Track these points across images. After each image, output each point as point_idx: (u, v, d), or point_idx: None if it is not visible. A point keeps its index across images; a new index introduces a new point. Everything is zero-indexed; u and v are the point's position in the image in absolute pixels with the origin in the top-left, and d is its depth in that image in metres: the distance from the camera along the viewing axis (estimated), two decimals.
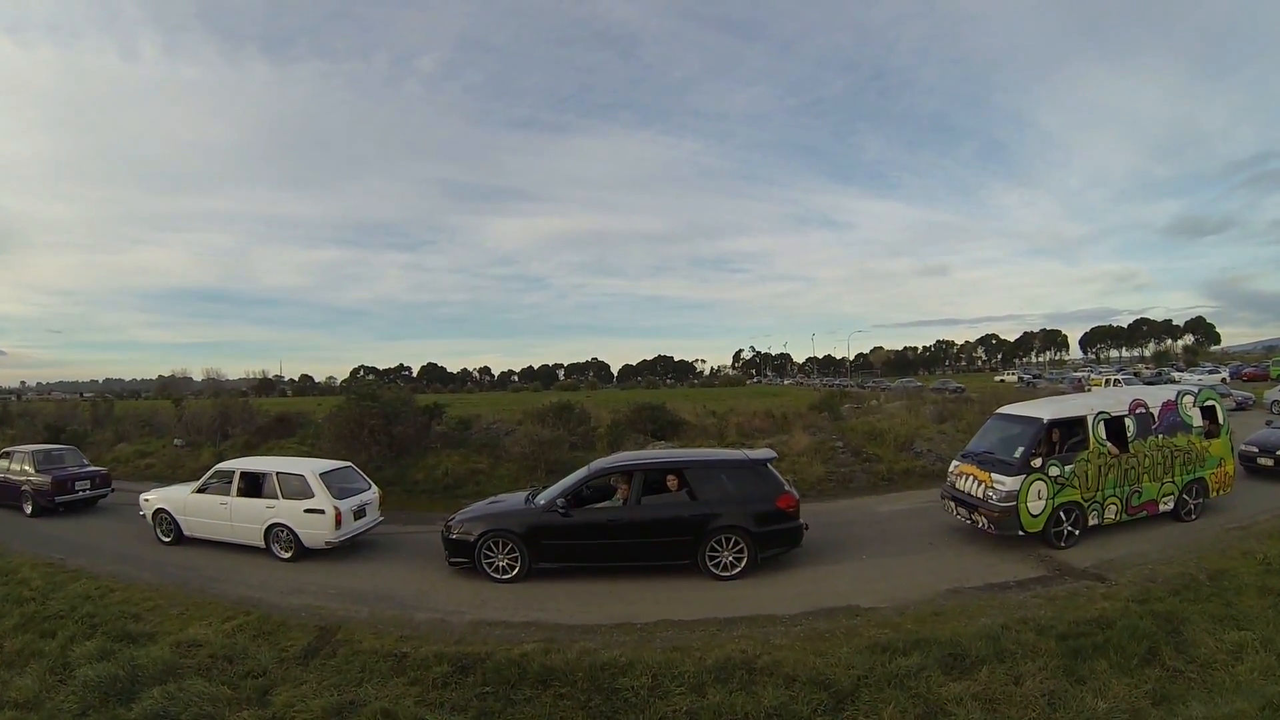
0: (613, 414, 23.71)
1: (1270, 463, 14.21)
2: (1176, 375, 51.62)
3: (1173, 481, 10.90)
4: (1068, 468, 10.09)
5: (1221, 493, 11.50)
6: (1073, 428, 10.64)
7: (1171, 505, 10.93)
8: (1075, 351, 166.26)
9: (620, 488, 10.04)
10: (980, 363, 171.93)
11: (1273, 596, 7.27)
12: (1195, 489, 11.13)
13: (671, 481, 9.87)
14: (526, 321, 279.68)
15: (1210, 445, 11.35)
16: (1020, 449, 10.16)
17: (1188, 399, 11.36)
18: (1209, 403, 11.59)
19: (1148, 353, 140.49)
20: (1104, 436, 10.44)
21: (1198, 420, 11.29)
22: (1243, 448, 14.33)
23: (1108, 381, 39.96)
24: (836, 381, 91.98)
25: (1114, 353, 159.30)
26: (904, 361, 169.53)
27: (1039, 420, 10.45)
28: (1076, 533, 10.17)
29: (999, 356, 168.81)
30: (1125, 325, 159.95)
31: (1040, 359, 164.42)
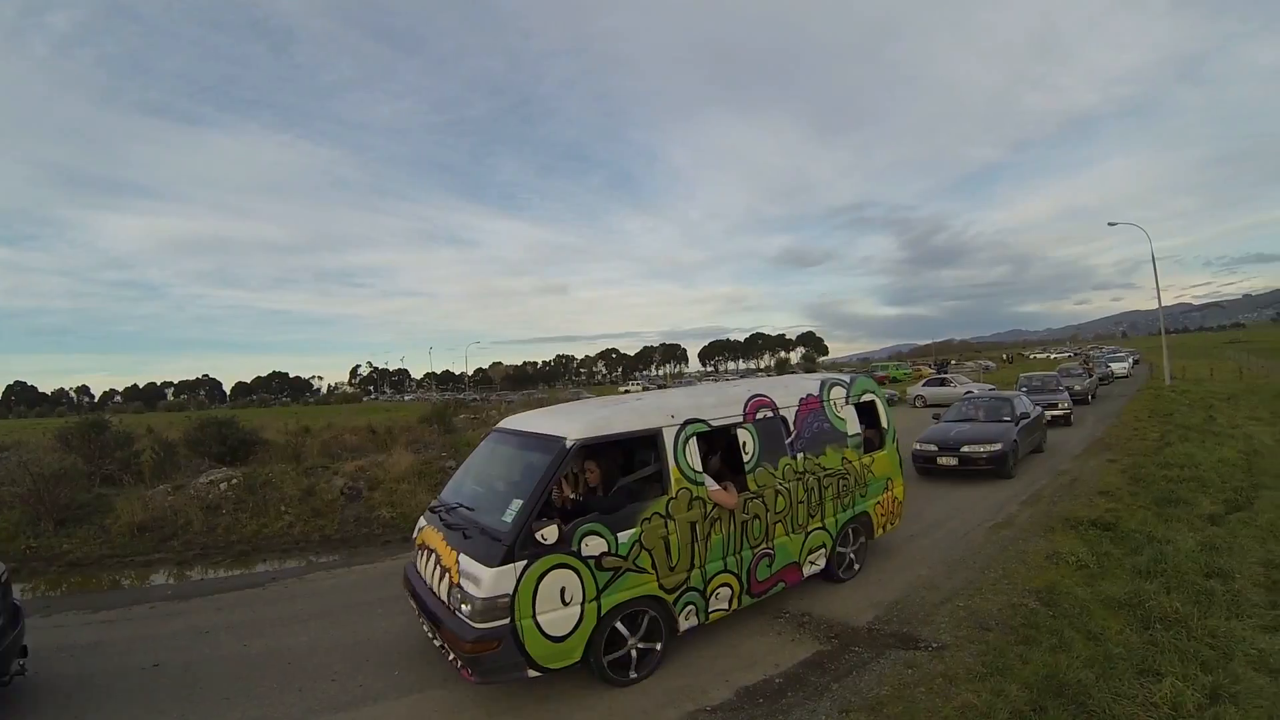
0: (184, 434, 19.37)
1: (953, 460, 12.50)
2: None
3: (823, 526, 6.91)
4: (624, 534, 5.23)
5: (889, 528, 8.07)
6: (631, 453, 6.07)
7: (823, 563, 7.00)
8: (695, 364, 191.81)
9: None
10: (601, 376, 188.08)
11: (1123, 609, 5.90)
12: (856, 531, 7.44)
13: None
14: (139, 334, 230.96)
15: (874, 461, 7.72)
16: (516, 504, 5.03)
17: (838, 392, 7.60)
18: (867, 397, 8.04)
19: (763, 363, 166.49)
20: (697, 465, 5.82)
21: (854, 424, 7.62)
22: (918, 447, 13.00)
23: None
24: (460, 396, 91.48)
25: (732, 364, 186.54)
26: (524, 376, 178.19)
27: (558, 443, 5.32)
28: (658, 648, 5.46)
29: (620, 370, 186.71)
30: (742, 340, 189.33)
31: (660, 371, 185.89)
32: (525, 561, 4.81)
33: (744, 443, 6.36)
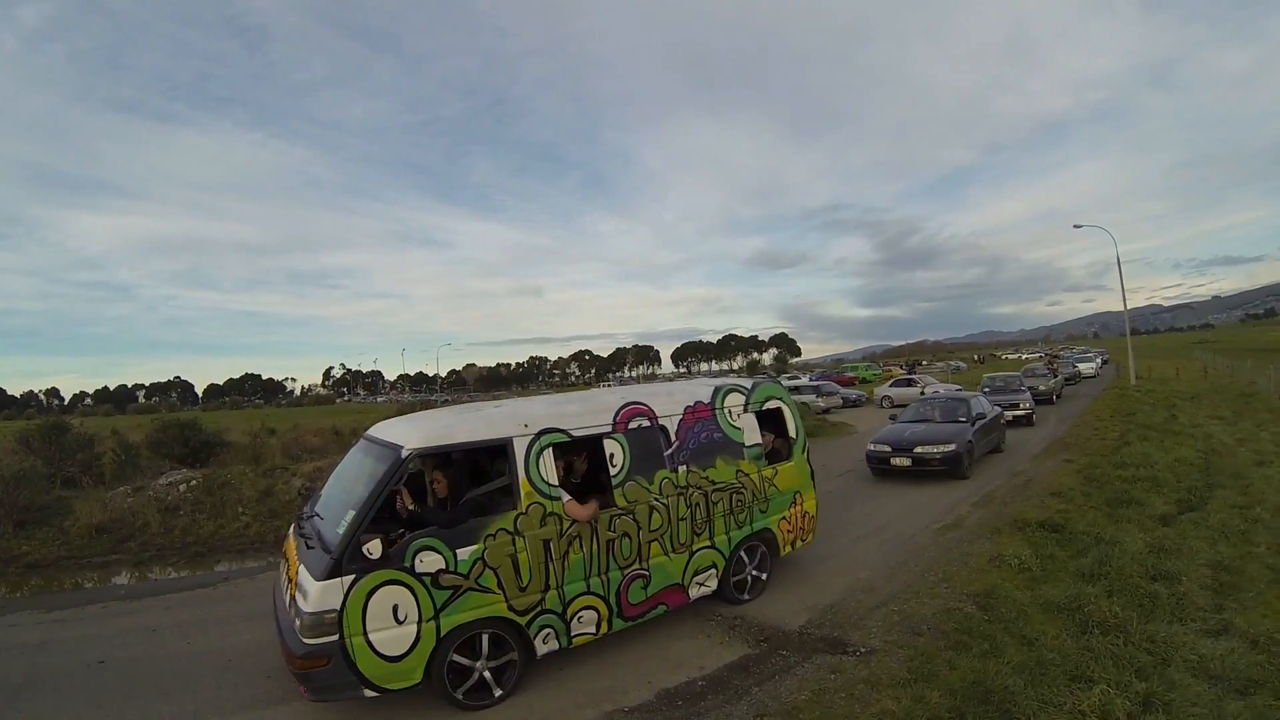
0: (146, 437, 19.18)
1: (907, 461, 12.41)
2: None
3: (713, 545, 6.40)
4: (464, 550, 4.93)
5: (800, 545, 7.44)
6: (480, 464, 6.08)
7: (714, 584, 6.48)
8: (668, 365, 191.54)
9: None
10: (574, 378, 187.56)
11: (1062, 613, 5.82)
12: (757, 549, 6.91)
13: None
14: (110, 336, 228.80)
15: (778, 473, 7.14)
16: (350, 515, 4.81)
17: (734, 398, 6.99)
18: (772, 404, 7.46)
19: (737, 364, 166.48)
20: (552, 479, 5.45)
21: (753, 434, 7.02)
22: (872, 448, 13.03)
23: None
24: (431, 398, 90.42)
25: (704, 365, 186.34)
26: (497, 377, 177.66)
27: (395, 452, 5.08)
28: (512, 672, 5.16)
29: (593, 371, 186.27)
30: (715, 341, 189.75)
31: (633, 373, 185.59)
32: (354, 576, 4.58)
33: (611, 454, 5.86)
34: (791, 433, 7.54)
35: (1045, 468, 12.64)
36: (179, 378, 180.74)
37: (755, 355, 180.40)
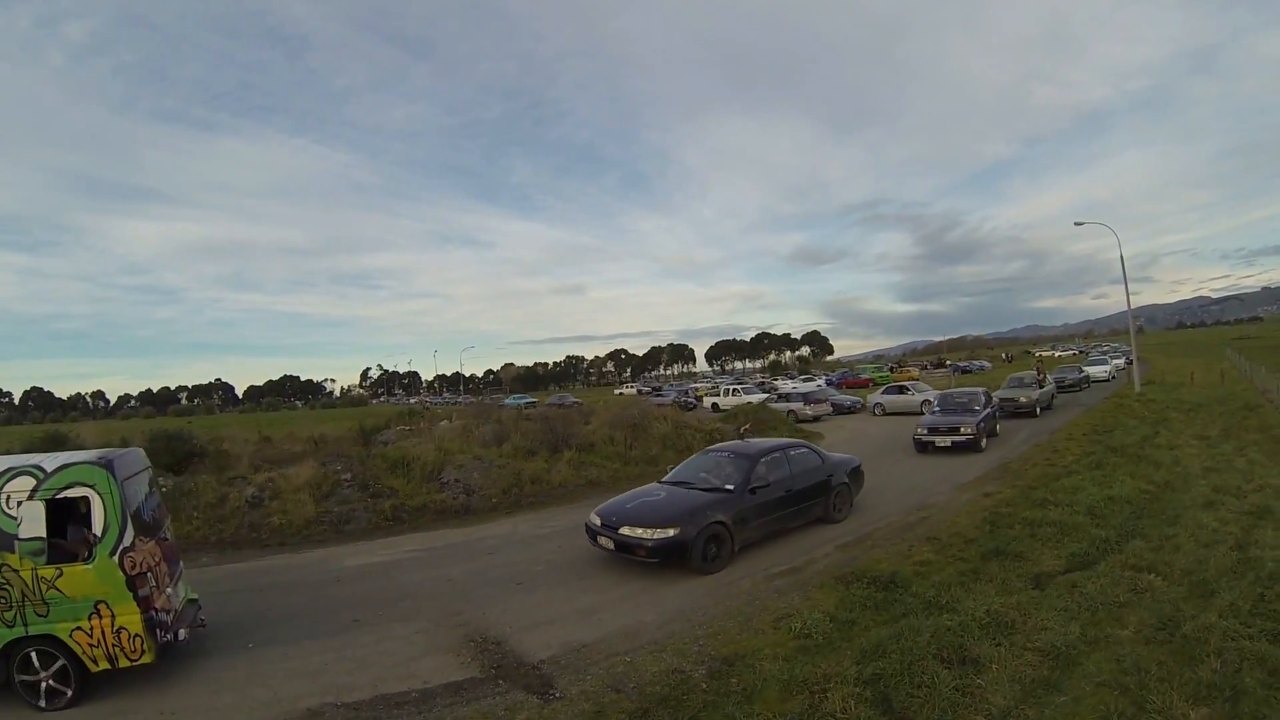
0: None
1: (610, 544, 9.08)
2: (781, 382, 53.49)
3: None
4: None
5: (122, 664, 6.15)
6: None
7: None
8: (703, 364, 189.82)
9: None
10: (611, 377, 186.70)
11: (800, 695, 5.07)
12: (46, 655, 6.04)
13: None
14: (156, 339, 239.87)
15: (64, 575, 6.03)
16: None
17: (19, 483, 6.07)
18: (75, 491, 6.16)
19: (768, 363, 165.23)
20: None
21: (34, 526, 6.02)
22: (591, 517, 9.84)
23: (728, 390, 40.20)
24: (457, 400, 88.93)
25: (738, 364, 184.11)
26: (534, 377, 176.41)
27: None
28: None
29: (629, 370, 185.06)
30: (748, 339, 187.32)
31: (669, 371, 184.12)
32: None
33: None
34: (97, 529, 6.15)
35: (957, 502, 11.69)
36: (220, 380, 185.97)
37: (789, 354, 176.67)
